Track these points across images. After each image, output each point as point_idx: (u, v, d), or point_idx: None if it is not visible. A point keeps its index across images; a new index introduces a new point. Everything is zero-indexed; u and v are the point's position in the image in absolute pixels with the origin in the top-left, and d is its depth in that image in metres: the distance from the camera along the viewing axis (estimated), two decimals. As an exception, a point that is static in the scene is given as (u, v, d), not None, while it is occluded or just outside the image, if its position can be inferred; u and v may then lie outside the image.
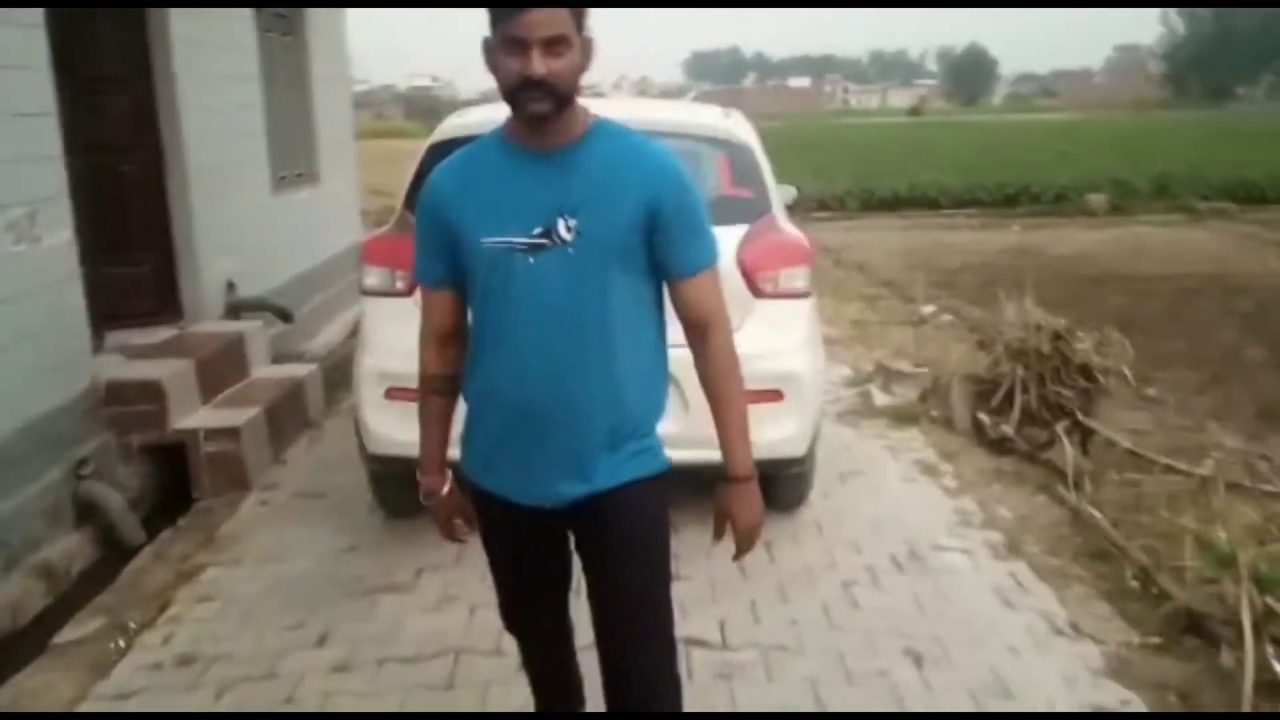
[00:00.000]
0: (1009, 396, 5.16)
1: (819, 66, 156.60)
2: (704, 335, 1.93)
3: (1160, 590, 3.48)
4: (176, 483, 4.35)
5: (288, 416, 4.91)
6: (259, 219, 6.23)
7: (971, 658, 2.96)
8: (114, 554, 3.84)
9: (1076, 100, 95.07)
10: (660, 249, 1.82)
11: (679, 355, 3.33)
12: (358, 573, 3.52)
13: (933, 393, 5.54)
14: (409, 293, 3.44)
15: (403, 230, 3.55)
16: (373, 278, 3.58)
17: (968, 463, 4.76)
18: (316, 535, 3.85)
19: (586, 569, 1.95)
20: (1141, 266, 12.33)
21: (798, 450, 3.60)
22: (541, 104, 1.69)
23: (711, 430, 2.97)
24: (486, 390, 1.90)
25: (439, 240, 1.88)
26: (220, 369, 4.81)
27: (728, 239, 3.47)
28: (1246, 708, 2.77)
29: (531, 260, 1.77)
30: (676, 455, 3.50)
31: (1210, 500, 3.90)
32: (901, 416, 5.30)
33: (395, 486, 3.78)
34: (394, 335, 3.44)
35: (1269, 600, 3.08)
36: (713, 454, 3.43)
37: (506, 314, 1.81)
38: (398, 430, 3.47)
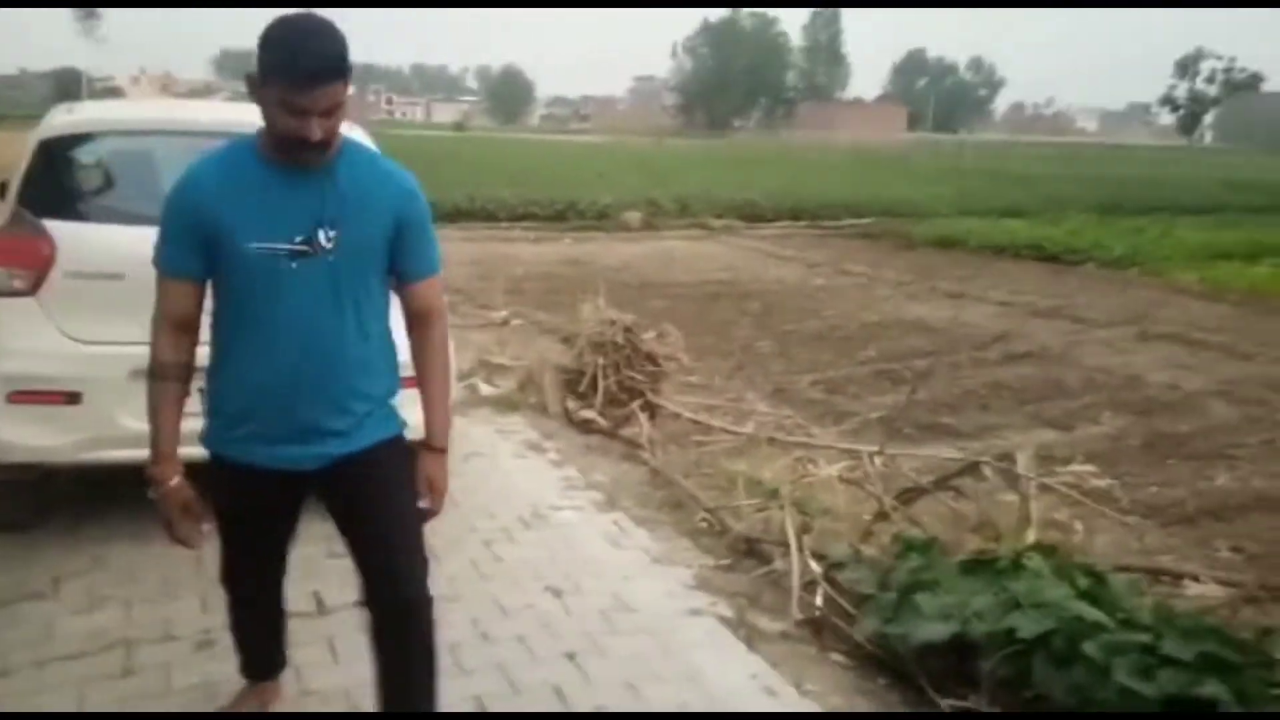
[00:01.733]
0: (593, 383, 5.97)
1: (361, 76, 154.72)
2: (427, 324, 2.27)
3: (723, 526, 4.39)
4: None
5: None
6: None
7: (596, 586, 3.59)
8: None
9: (604, 124, 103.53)
10: (398, 256, 2.17)
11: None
12: (-20, 588, 3.32)
13: (529, 383, 6.20)
14: (30, 291, 3.35)
15: (19, 228, 3.41)
16: (-14, 274, 3.39)
17: (565, 440, 5.45)
18: (-89, 559, 3.52)
19: (351, 512, 2.25)
20: (673, 275, 14.16)
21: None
22: (315, 156, 1.98)
23: None
24: (243, 374, 2.12)
25: (194, 236, 2.05)
26: None
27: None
28: (794, 604, 3.66)
29: (294, 265, 2.03)
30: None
31: (755, 452, 4.92)
32: (504, 404, 5.89)
33: (14, 498, 3.60)
34: (16, 336, 3.34)
35: (805, 518, 4.06)
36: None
37: (267, 310, 2.05)
38: (20, 434, 3.36)
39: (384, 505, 2.25)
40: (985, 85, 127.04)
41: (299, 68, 1.89)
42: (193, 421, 2.25)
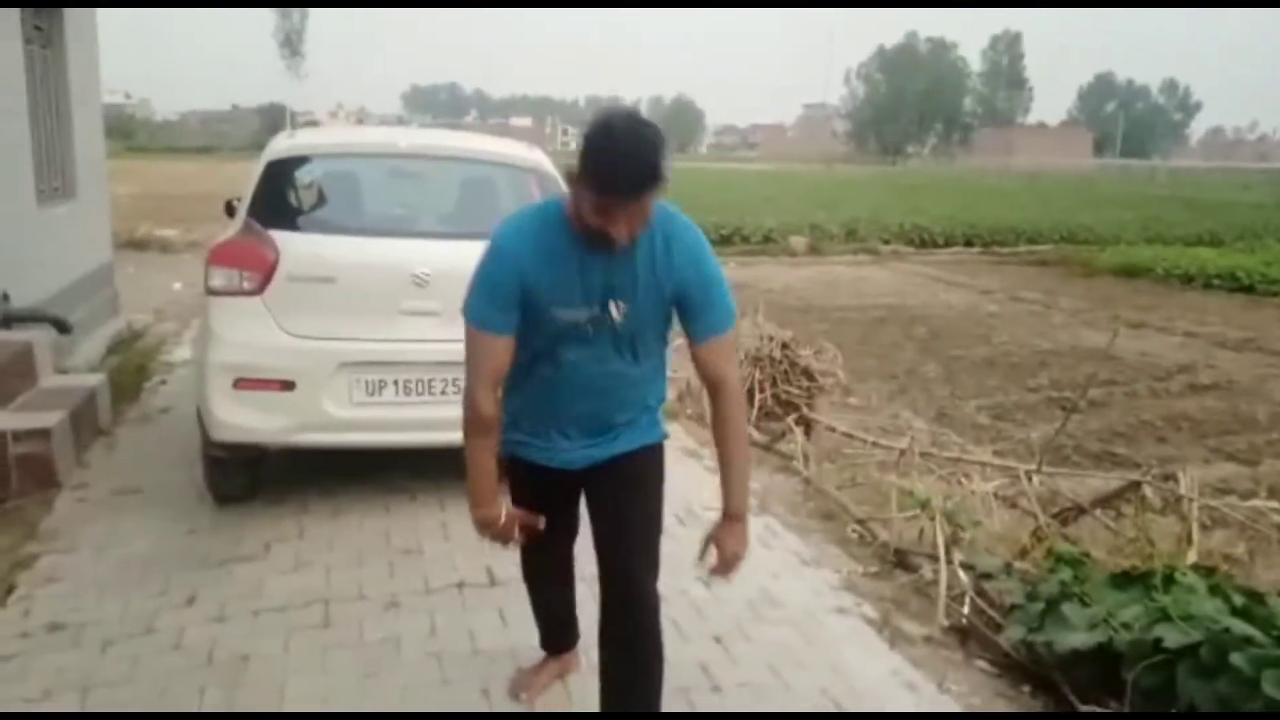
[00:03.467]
0: (749, 396, 6.15)
1: (538, 107, 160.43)
2: (715, 394, 2.33)
3: (873, 536, 4.48)
4: (-24, 486, 4.34)
5: (85, 422, 4.98)
6: (25, 231, 6.13)
7: (745, 580, 3.74)
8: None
9: (772, 152, 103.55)
10: (683, 317, 2.26)
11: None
12: (204, 550, 3.80)
13: (688, 394, 6.43)
14: (257, 291, 3.82)
15: (248, 235, 3.91)
16: (219, 279, 3.88)
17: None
18: (148, 523, 4.05)
19: (602, 509, 2.44)
20: (837, 299, 14.16)
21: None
22: (617, 247, 2.09)
23: None
24: (533, 400, 2.36)
25: (513, 299, 2.18)
26: (14, 375, 4.81)
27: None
28: (940, 610, 3.73)
29: (590, 330, 2.23)
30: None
31: (907, 467, 4.98)
32: (664, 413, 6.13)
33: (234, 473, 4.10)
34: (241, 331, 3.83)
35: (955, 529, 4.11)
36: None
37: (563, 366, 2.28)
38: (244, 418, 3.82)
39: (629, 506, 2.42)
40: (1180, 109, 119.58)
41: (616, 183, 1.99)
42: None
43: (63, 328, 5.85)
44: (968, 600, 3.72)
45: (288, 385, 3.80)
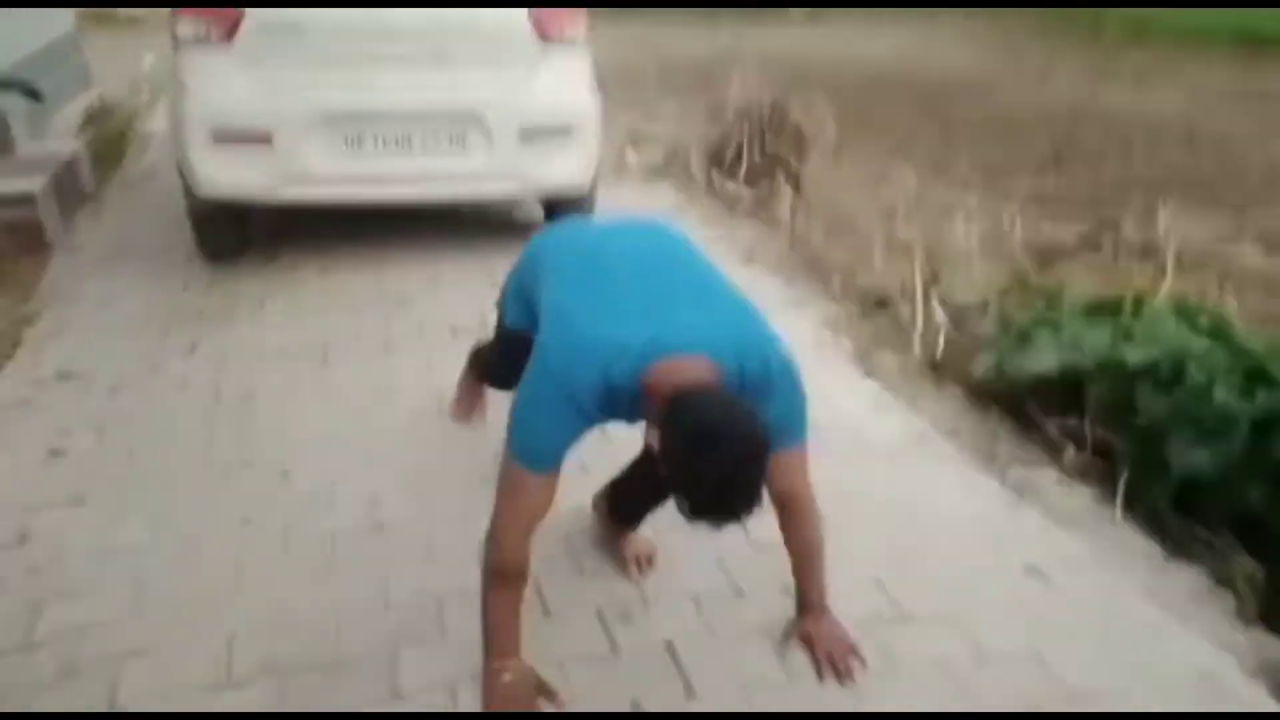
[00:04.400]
0: (737, 153, 6.08)
1: None
2: (786, 510, 2.07)
3: (858, 284, 4.56)
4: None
5: (68, 188, 4.96)
6: (-19, -6, 5.86)
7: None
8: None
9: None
10: None
11: (482, 98, 3.91)
12: (200, 304, 3.90)
13: (675, 154, 6.37)
14: (224, 39, 3.73)
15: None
16: (186, 27, 3.77)
17: (708, 206, 5.66)
18: (143, 281, 4.12)
19: None
20: (836, 64, 13.66)
21: (583, 184, 4.29)
22: None
23: (512, 165, 3.65)
24: None
25: (573, 442, 1.89)
26: (-11, 142, 4.76)
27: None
28: (915, 342, 3.85)
29: None
30: (483, 189, 4.14)
31: (893, 214, 5.01)
32: (651, 174, 6.11)
33: (220, 229, 4.13)
34: (214, 84, 3.76)
35: (934, 268, 4.19)
36: (511, 187, 4.19)
37: None
38: (226, 173, 3.82)
39: None
40: None
41: (714, 518, 1.71)
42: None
43: (33, 94, 5.69)
44: (943, 334, 3.86)
45: (266, 139, 3.76)
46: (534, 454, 1.86)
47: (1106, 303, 3.54)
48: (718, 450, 1.63)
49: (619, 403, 1.82)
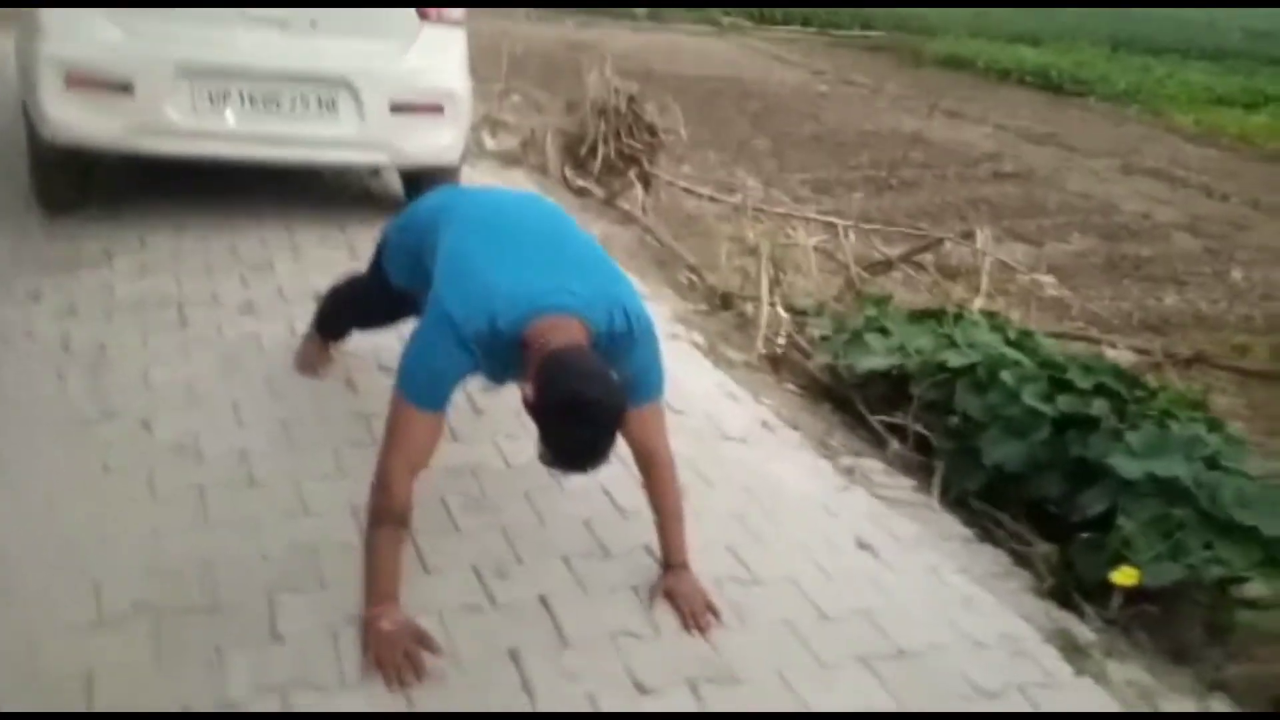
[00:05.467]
0: (593, 148, 6.25)
1: None
2: (648, 467, 2.29)
3: (704, 281, 4.82)
4: None
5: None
6: None
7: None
8: None
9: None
10: None
11: (356, 66, 3.93)
12: (41, 255, 3.72)
13: (531, 143, 6.47)
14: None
15: None
16: (46, -37, 3.59)
17: (561, 198, 5.79)
18: (-27, 231, 3.89)
19: None
20: (677, 68, 14.08)
21: (452, 158, 4.34)
22: None
23: (383, 135, 3.69)
24: None
25: (456, 385, 2.10)
26: None
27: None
28: (759, 340, 4.12)
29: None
30: (350, 156, 4.14)
31: (740, 218, 5.30)
32: (507, 160, 6.20)
33: (66, 178, 3.94)
34: (73, 23, 3.60)
35: (778, 273, 4.49)
36: (379, 156, 4.23)
37: None
38: (79, 119, 3.66)
39: None
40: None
41: (573, 467, 2.01)
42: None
43: None
44: (784, 334, 4.15)
45: (125, 87, 3.63)
46: (423, 393, 2.05)
47: (931, 312, 3.92)
48: (581, 418, 1.89)
49: (498, 351, 2.03)
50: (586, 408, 1.88)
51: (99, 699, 1.83)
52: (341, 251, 4.06)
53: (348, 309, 2.93)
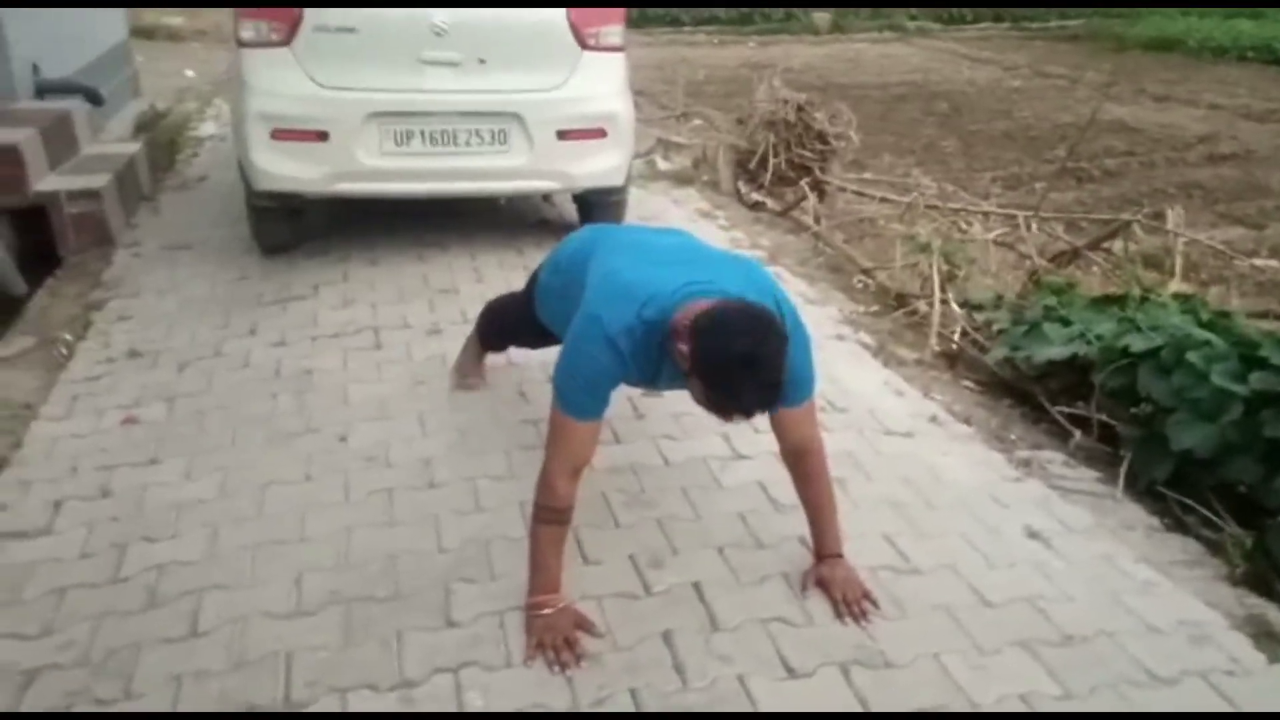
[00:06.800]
0: (763, 161, 6.31)
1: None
2: (800, 459, 2.29)
3: (878, 283, 4.76)
4: (39, 243, 4.66)
5: (129, 188, 5.24)
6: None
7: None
8: (2, 303, 4.21)
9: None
10: None
11: (523, 99, 4.16)
12: (257, 291, 4.15)
13: (703, 161, 6.60)
14: (284, 42, 3.99)
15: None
16: (248, 30, 4.02)
17: (734, 211, 5.88)
18: (202, 272, 4.38)
19: None
20: (859, 77, 13.92)
21: (618, 180, 4.52)
22: None
23: (551, 162, 3.97)
24: None
25: (612, 391, 2.14)
26: (57, 141, 5.03)
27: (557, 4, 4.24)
28: (932, 336, 4.04)
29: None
30: (523, 185, 4.38)
31: (913, 218, 5.21)
32: (680, 179, 6.34)
33: (278, 223, 4.39)
34: (275, 81, 4.02)
35: (950, 267, 4.38)
36: (550, 183, 4.44)
37: None
38: (284, 167, 4.08)
39: None
40: None
41: (737, 409, 1.92)
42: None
43: (95, 98, 6.00)
44: (959, 330, 4.04)
45: (322, 135, 4.01)
46: (578, 405, 2.11)
47: (1114, 297, 3.73)
48: (740, 326, 1.85)
49: (649, 345, 2.04)
50: (748, 320, 1.86)
51: (295, 677, 2.03)
52: (519, 273, 4.29)
53: (504, 328, 3.12)
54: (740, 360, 1.83)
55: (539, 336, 2.82)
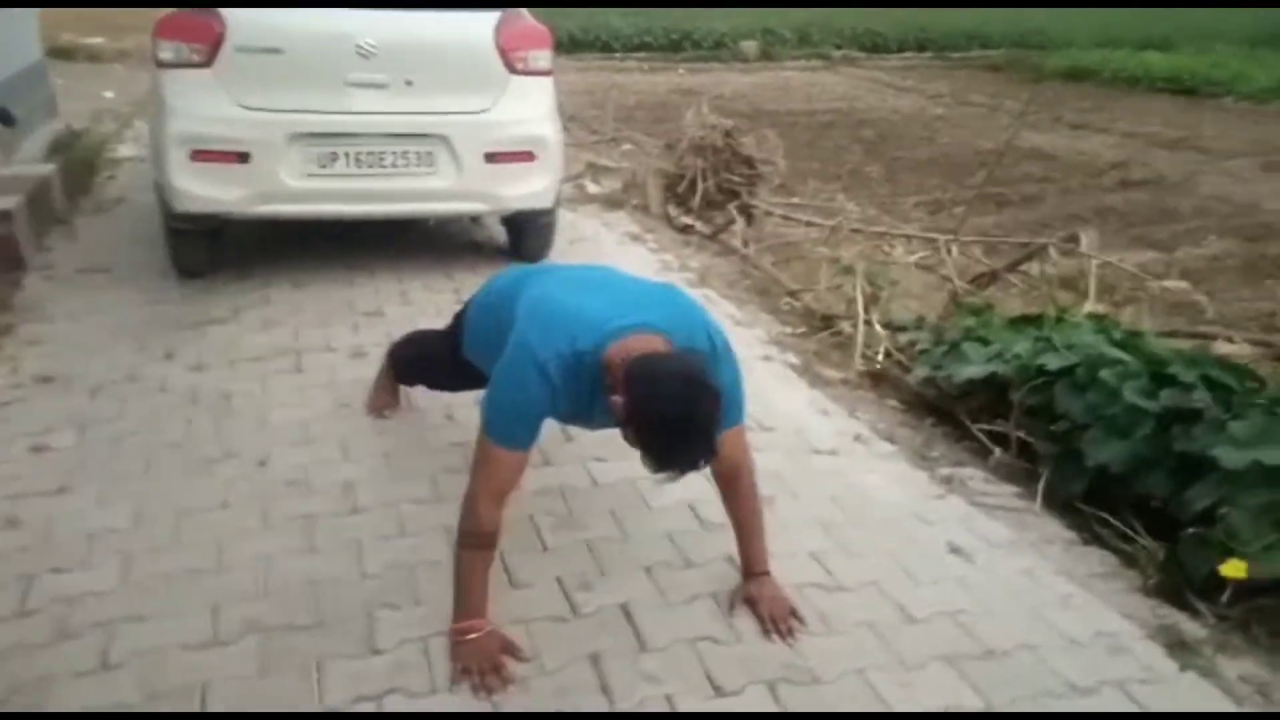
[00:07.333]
0: (691, 185, 6.36)
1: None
2: (731, 480, 2.30)
3: (804, 305, 4.83)
4: (-58, 266, 4.49)
5: (41, 209, 5.09)
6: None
7: (683, 336, 4.10)
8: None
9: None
10: None
11: (450, 121, 4.13)
12: (175, 315, 4.04)
13: (632, 185, 6.63)
14: (205, 63, 3.92)
15: (193, 8, 3.96)
16: (168, 52, 3.95)
17: (663, 235, 5.91)
18: (119, 296, 4.26)
19: None
20: (787, 104, 14.16)
21: (546, 202, 4.52)
22: None
23: (479, 185, 3.92)
24: None
25: (540, 422, 2.12)
26: (-36, 163, 4.88)
27: (484, 24, 4.24)
28: (856, 357, 4.10)
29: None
30: (451, 207, 4.35)
31: (837, 241, 5.29)
32: (610, 203, 6.37)
33: (196, 245, 4.29)
34: (195, 103, 3.95)
35: (875, 289, 4.46)
36: (478, 205, 4.42)
37: None
38: (204, 189, 4.00)
39: None
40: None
41: (670, 466, 1.91)
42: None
43: (6, 119, 5.83)
44: (882, 350, 4.11)
45: (243, 157, 3.95)
46: (505, 432, 2.09)
47: (1030, 318, 3.83)
48: (675, 390, 1.85)
49: (581, 376, 2.03)
50: (681, 381, 1.86)
51: (211, 707, 1.97)
52: (447, 295, 4.28)
53: (420, 365, 3.07)
54: (675, 425, 1.84)
55: (459, 377, 2.78)
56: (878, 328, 4.27)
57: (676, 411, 1.84)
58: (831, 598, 2.37)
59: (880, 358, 4.08)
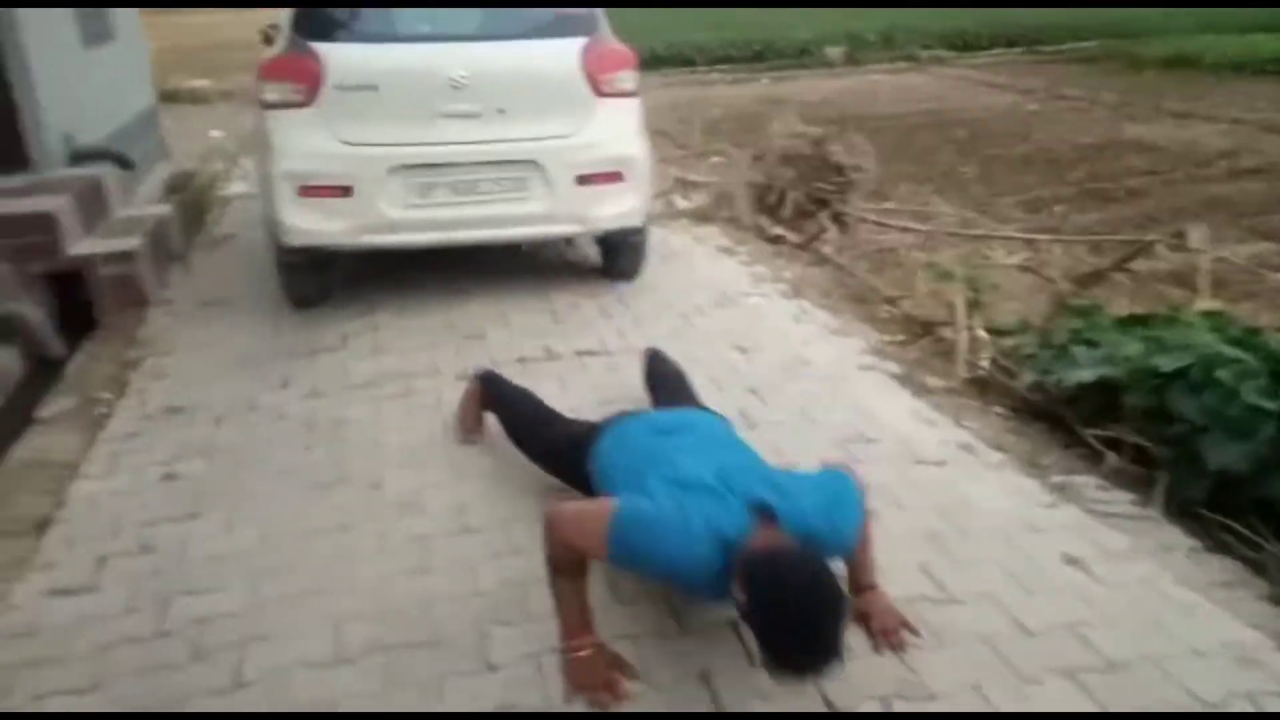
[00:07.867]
0: (782, 195, 6.34)
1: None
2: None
3: (902, 312, 4.77)
4: (75, 305, 4.75)
5: (161, 248, 5.35)
6: (76, 72, 6.35)
7: (779, 348, 4.10)
8: (42, 365, 4.30)
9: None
10: None
11: (541, 146, 4.22)
12: (289, 344, 4.21)
13: (722, 198, 6.64)
14: (307, 102, 4.08)
15: (294, 50, 4.13)
16: (272, 93, 4.12)
17: (755, 247, 5.90)
18: (236, 328, 4.45)
19: None
20: (875, 108, 13.97)
21: (637, 221, 4.57)
22: None
23: (570, 207, 4.18)
24: None
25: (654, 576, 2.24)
26: (90, 206, 5.16)
27: (570, 50, 4.32)
28: (960, 363, 4.04)
29: None
30: (545, 230, 4.44)
31: (935, 245, 5.21)
32: (699, 217, 6.39)
33: (306, 277, 4.46)
34: (300, 141, 4.11)
35: (975, 293, 4.38)
36: (571, 227, 4.49)
37: None
38: (310, 223, 4.16)
39: None
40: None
41: (796, 672, 1.84)
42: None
43: (125, 164, 6.15)
44: (987, 356, 4.03)
45: (346, 191, 4.10)
46: (622, 554, 2.04)
47: (1140, 317, 3.71)
48: (799, 601, 1.75)
49: (712, 566, 1.96)
50: (805, 590, 1.77)
51: (340, 724, 2.05)
52: (545, 316, 4.38)
53: (524, 429, 3.04)
54: (797, 639, 1.76)
55: (560, 466, 2.79)
56: (981, 333, 4.19)
57: (799, 621, 1.75)
58: (942, 611, 2.34)
59: (984, 364, 4.00)
